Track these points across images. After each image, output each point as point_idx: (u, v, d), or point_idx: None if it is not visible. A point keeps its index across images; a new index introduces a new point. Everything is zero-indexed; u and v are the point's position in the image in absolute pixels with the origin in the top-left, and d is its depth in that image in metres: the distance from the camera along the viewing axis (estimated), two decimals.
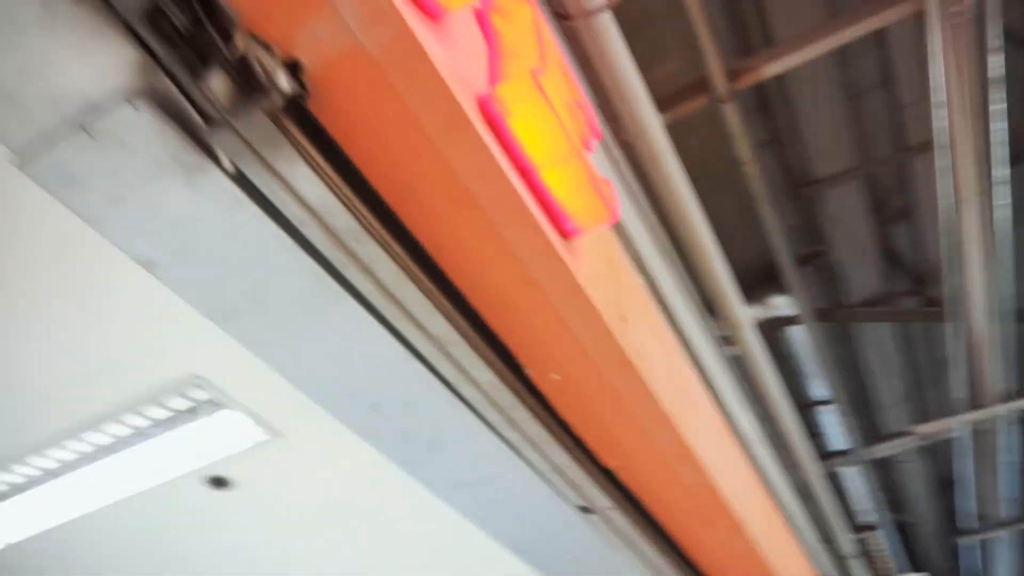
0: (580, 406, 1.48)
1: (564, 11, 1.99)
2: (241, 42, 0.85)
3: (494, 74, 1.08)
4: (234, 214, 1.00)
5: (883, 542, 5.18)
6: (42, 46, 0.84)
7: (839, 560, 4.73)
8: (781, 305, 3.76)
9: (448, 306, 1.19)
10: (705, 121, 3.08)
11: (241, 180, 0.97)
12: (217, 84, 0.86)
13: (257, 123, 0.88)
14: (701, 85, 2.78)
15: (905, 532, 6.22)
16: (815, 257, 4.03)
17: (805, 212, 3.82)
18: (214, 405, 2.00)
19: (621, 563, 1.88)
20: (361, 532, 2.58)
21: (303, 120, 0.94)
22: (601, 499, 1.66)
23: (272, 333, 1.23)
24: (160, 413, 2.00)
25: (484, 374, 1.31)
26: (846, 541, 4.59)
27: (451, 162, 1.01)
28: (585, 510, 1.70)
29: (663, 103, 2.81)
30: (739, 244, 3.52)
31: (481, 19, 1.21)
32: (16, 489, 2.19)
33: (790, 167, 3.63)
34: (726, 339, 3.18)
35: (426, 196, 1.06)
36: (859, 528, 5.07)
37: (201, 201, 0.98)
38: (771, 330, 3.83)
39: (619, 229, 2.11)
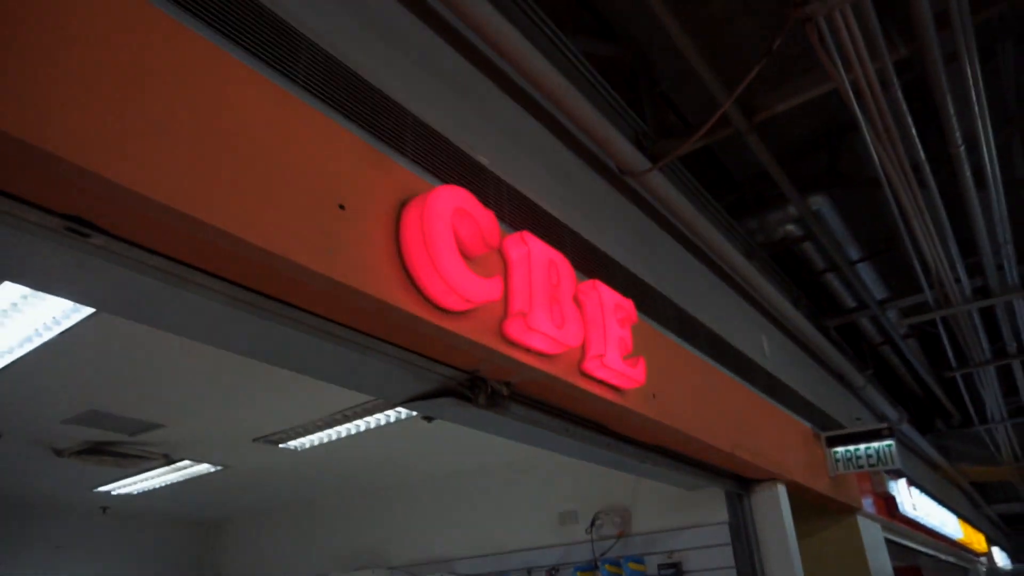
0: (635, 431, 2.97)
1: (622, 169, 3.10)
2: (491, 387, 2.26)
3: (588, 347, 2.41)
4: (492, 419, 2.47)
5: None
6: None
7: None
8: None
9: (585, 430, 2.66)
10: None
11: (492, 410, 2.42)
12: (481, 398, 2.27)
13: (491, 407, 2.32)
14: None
15: None
16: None
17: None
18: None
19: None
20: None
21: (515, 396, 2.36)
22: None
23: None
24: None
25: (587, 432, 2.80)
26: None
27: (572, 392, 2.41)
28: None
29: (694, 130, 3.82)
30: None
31: (579, 299, 2.50)
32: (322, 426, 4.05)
33: None
34: None
35: (567, 403, 2.48)
36: None
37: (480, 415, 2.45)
38: None
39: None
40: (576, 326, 2.28)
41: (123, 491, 5.72)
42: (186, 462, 4.96)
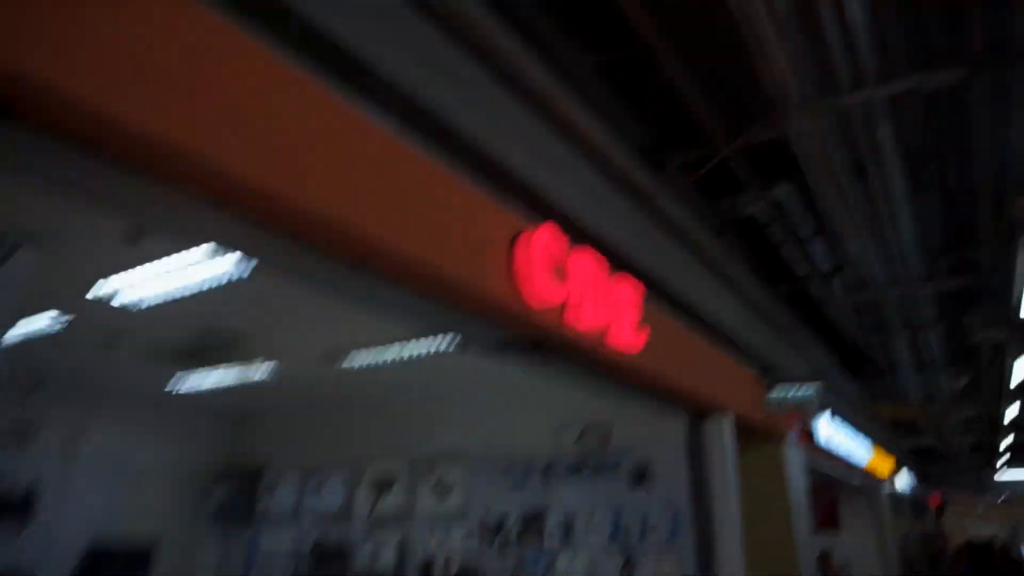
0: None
1: (642, 193, 4.19)
2: (546, 347, 3.44)
3: (612, 324, 3.59)
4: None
5: None
6: None
7: None
8: None
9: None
10: None
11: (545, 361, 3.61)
12: (539, 354, 3.45)
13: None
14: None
15: None
16: None
17: None
18: None
19: None
20: None
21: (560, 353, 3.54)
22: None
23: None
24: None
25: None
26: None
27: (598, 353, 3.60)
28: None
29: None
30: None
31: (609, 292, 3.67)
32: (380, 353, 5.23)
33: None
34: None
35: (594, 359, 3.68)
36: None
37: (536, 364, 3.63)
38: None
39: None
40: (606, 312, 3.46)
41: (186, 389, 6.89)
42: (257, 364, 6.12)
